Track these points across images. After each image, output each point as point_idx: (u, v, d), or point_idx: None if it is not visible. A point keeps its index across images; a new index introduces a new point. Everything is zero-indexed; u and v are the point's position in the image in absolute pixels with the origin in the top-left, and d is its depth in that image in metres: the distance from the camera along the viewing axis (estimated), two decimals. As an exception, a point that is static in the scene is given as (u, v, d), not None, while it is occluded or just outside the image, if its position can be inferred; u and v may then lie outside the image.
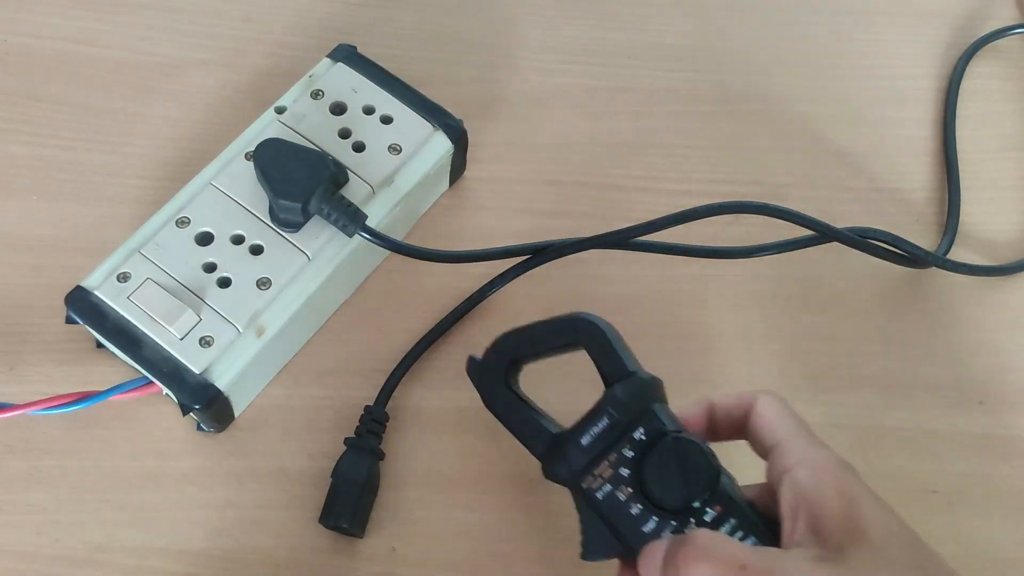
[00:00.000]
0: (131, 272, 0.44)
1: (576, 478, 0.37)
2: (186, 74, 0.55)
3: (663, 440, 0.36)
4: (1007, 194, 0.55)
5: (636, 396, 0.37)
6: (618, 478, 0.37)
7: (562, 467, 0.38)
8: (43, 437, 0.45)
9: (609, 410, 0.37)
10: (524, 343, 0.40)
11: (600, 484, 0.37)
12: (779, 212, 0.45)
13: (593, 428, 0.37)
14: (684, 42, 0.59)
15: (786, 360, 0.49)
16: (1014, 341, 0.50)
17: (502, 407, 0.40)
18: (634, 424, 0.37)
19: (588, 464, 0.37)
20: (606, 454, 0.37)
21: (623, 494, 0.37)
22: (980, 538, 0.45)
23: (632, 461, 0.37)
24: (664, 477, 0.36)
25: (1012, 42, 0.61)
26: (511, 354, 0.40)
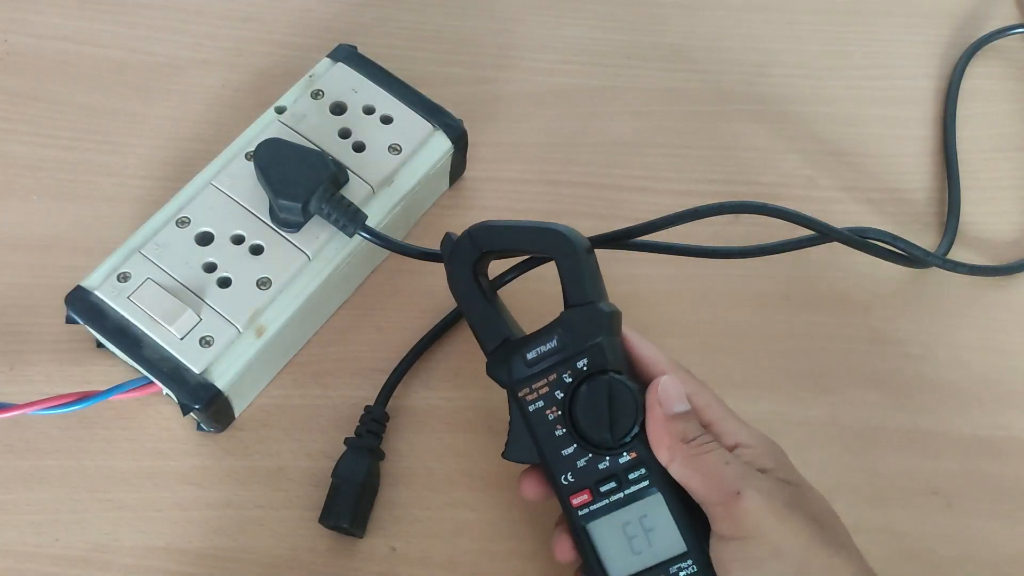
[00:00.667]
0: (131, 272, 0.44)
1: (514, 386, 0.39)
2: (186, 74, 0.55)
3: (601, 377, 0.38)
4: (1007, 194, 0.55)
5: (589, 326, 0.39)
6: (551, 399, 0.39)
7: (503, 372, 0.40)
8: (43, 437, 0.45)
9: (560, 332, 0.39)
10: (500, 238, 0.41)
11: (534, 399, 0.39)
12: (779, 212, 0.45)
13: (540, 346, 0.39)
14: (684, 42, 0.59)
15: (786, 360, 0.49)
16: (1014, 341, 0.50)
17: (464, 293, 0.41)
18: (580, 353, 0.39)
19: (527, 377, 0.39)
20: (546, 373, 0.39)
21: (552, 415, 0.39)
22: (980, 538, 0.45)
23: (568, 387, 0.39)
24: (592, 412, 0.38)
25: (1012, 42, 0.61)
26: (485, 245, 0.41)
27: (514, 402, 0.40)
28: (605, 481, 0.38)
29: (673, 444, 0.37)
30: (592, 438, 0.38)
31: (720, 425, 0.38)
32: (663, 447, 0.37)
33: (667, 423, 0.37)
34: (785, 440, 0.46)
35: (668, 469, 0.37)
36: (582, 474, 0.38)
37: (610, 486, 0.38)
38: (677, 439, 0.37)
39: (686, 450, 0.37)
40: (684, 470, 0.37)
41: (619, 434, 0.38)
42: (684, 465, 0.37)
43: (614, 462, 0.38)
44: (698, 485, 0.36)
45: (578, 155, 0.54)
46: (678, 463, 0.37)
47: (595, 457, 0.38)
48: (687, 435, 0.37)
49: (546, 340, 0.39)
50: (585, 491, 0.38)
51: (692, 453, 0.36)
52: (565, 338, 0.39)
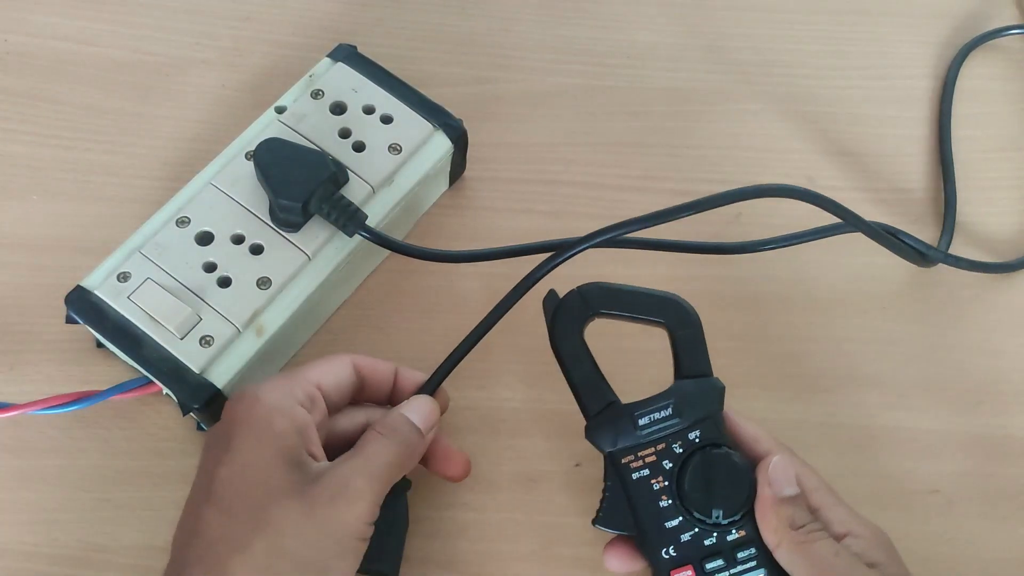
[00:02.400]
0: (131, 272, 0.44)
1: (618, 452, 0.38)
2: (186, 74, 0.55)
3: (716, 452, 0.38)
4: (1006, 194, 0.55)
5: (704, 398, 0.39)
6: (658, 469, 0.38)
7: (609, 437, 0.39)
8: (43, 437, 0.45)
9: (676, 402, 0.39)
10: (614, 301, 0.40)
11: (639, 467, 0.38)
12: (815, 198, 0.43)
13: (653, 413, 0.39)
14: (684, 42, 0.59)
15: (786, 360, 0.49)
16: (1014, 341, 0.50)
17: (569, 353, 0.40)
18: (693, 425, 0.38)
19: (634, 445, 0.38)
20: (655, 442, 0.38)
21: (658, 484, 0.38)
22: (980, 538, 0.45)
23: (678, 458, 0.38)
24: (703, 486, 0.37)
25: (1013, 42, 0.61)
26: (596, 305, 0.40)
27: (614, 468, 0.39)
28: (712, 558, 0.37)
29: (780, 528, 0.36)
30: (702, 512, 0.37)
31: (829, 512, 0.38)
32: (770, 530, 0.37)
33: (776, 506, 0.37)
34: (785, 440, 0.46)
35: (774, 553, 0.37)
36: (686, 548, 0.37)
37: (717, 564, 0.37)
38: (785, 523, 0.36)
39: (794, 536, 0.36)
40: (792, 556, 0.36)
41: (730, 510, 0.37)
42: (792, 552, 0.36)
43: (722, 539, 0.37)
44: (805, 574, 0.36)
45: (578, 155, 0.54)
46: (785, 548, 0.36)
47: (702, 532, 0.37)
48: (796, 521, 0.36)
49: (660, 407, 0.39)
50: (688, 567, 0.37)
51: (800, 540, 0.36)
52: (680, 407, 0.38)
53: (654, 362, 0.42)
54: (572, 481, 0.45)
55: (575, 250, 0.42)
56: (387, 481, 0.37)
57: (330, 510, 0.35)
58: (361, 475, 0.36)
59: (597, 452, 0.46)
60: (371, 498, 0.36)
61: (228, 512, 0.35)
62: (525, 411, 0.47)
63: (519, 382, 0.47)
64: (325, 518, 0.35)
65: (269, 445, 0.36)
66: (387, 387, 0.42)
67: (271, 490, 0.35)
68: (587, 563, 0.44)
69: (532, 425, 0.47)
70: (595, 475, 0.45)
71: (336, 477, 0.36)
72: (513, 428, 0.46)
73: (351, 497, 0.36)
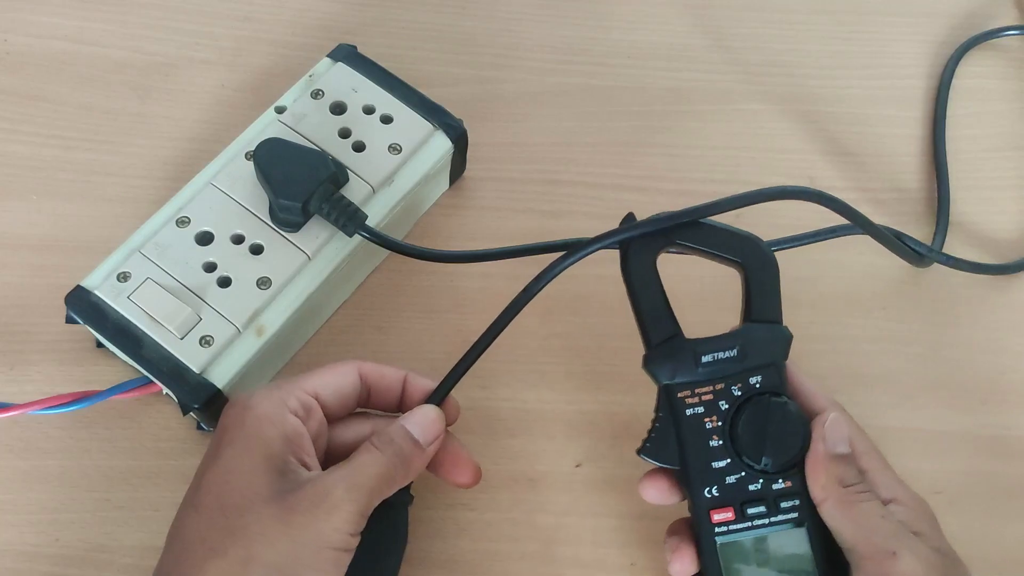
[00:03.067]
0: (131, 272, 0.44)
1: (675, 386, 0.38)
2: (186, 74, 0.55)
3: (774, 400, 0.37)
4: (1005, 193, 0.55)
5: (771, 345, 0.38)
6: (714, 408, 0.38)
7: (668, 369, 0.38)
8: (43, 437, 0.45)
9: (742, 344, 0.38)
10: (693, 232, 0.39)
11: (695, 403, 0.38)
12: (830, 201, 0.43)
13: (718, 352, 0.38)
14: (684, 42, 0.59)
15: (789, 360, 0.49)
16: (1016, 340, 0.50)
17: (639, 278, 0.39)
18: (756, 369, 0.38)
19: (693, 381, 0.38)
20: (715, 381, 0.38)
21: (711, 423, 0.37)
22: (982, 538, 0.45)
23: (736, 400, 0.37)
24: (758, 431, 0.37)
25: (1013, 42, 0.61)
26: (674, 235, 0.39)
27: (668, 401, 0.38)
28: (754, 503, 0.37)
29: (829, 484, 0.36)
30: (751, 457, 0.37)
31: (877, 476, 0.38)
32: (818, 485, 0.36)
33: (827, 461, 0.36)
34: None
35: (819, 508, 0.37)
36: (730, 491, 0.37)
37: (758, 509, 0.37)
38: (834, 480, 0.36)
39: (842, 494, 0.36)
40: (836, 513, 0.36)
41: (780, 460, 0.37)
42: (837, 508, 0.36)
43: (767, 486, 0.37)
44: (849, 533, 0.36)
45: (578, 155, 0.54)
46: (831, 504, 0.36)
47: (748, 476, 0.37)
48: (845, 479, 0.36)
49: (725, 347, 0.38)
50: (729, 508, 0.37)
51: (848, 499, 0.36)
52: (746, 350, 0.38)
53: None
54: (572, 481, 0.45)
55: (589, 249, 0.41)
56: (373, 493, 0.36)
57: (307, 518, 0.35)
58: (343, 485, 0.36)
59: (598, 452, 0.46)
60: (352, 508, 0.35)
61: (208, 517, 0.35)
62: (525, 411, 0.47)
63: (519, 382, 0.47)
64: (301, 526, 0.34)
65: (255, 452, 0.36)
66: (396, 395, 0.42)
67: (251, 497, 0.35)
68: (587, 563, 0.44)
69: (532, 425, 0.47)
70: (596, 475, 0.45)
71: (318, 486, 0.36)
72: (513, 428, 0.46)
73: (330, 506, 0.35)
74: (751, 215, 0.52)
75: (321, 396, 0.39)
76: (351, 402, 0.41)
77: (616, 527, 0.44)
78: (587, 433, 0.46)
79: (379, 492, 0.37)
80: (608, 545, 0.44)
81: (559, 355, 0.48)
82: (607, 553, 0.44)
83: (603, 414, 0.47)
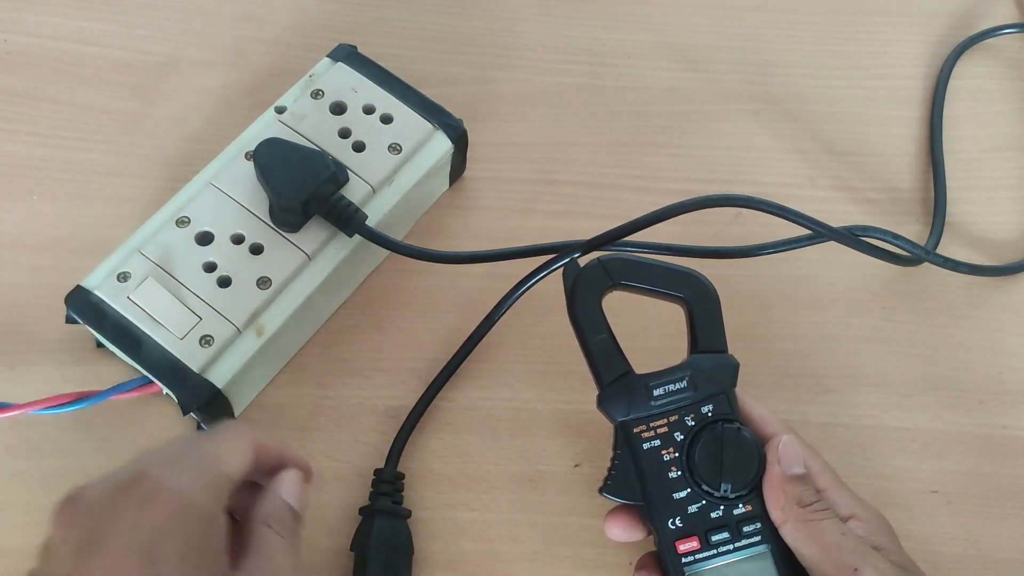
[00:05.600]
0: (131, 272, 0.44)
1: (630, 422, 0.39)
2: (186, 74, 0.55)
3: (727, 426, 0.38)
4: (1005, 193, 0.55)
5: (719, 373, 0.39)
6: (670, 440, 0.38)
7: (622, 406, 0.39)
8: (43, 437, 0.45)
9: (692, 375, 0.39)
10: (634, 273, 0.40)
11: (651, 437, 0.38)
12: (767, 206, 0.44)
13: (669, 384, 0.39)
14: (684, 41, 0.59)
15: (786, 360, 0.49)
16: (1014, 341, 0.50)
17: (587, 322, 0.40)
18: (707, 399, 0.39)
19: (647, 416, 0.39)
20: (668, 414, 0.39)
21: (668, 455, 0.38)
22: (980, 538, 0.45)
23: (690, 430, 0.38)
24: (715, 458, 0.37)
25: (1012, 41, 0.61)
26: (617, 276, 0.40)
27: (625, 438, 0.39)
28: (717, 530, 0.37)
29: (788, 505, 0.37)
30: (710, 484, 0.37)
31: (833, 494, 0.38)
32: (777, 507, 0.37)
33: (784, 483, 0.37)
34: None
35: (780, 530, 0.37)
36: (693, 520, 0.38)
37: (722, 536, 0.37)
38: (792, 501, 0.37)
39: (801, 514, 0.36)
40: (797, 534, 0.36)
41: (739, 484, 0.37)
42: (798, 529, 0.36)
43: (728, 512, 0.37)
44: (811, 552, 0.36)
45: (578, 155, 0.54)
46: (792, 525, 0.36)
47: (709, 505, 0.38)
48: (803, 499, 0.37)
49: (676, 379, 0.39)
50: (694, 537, 0.37)
51: (807, 518, 0.36)
52: (695, 381, 0.39)
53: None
54: (572, 481, 0.45)
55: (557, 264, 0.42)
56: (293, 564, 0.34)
57: None
58: None
59: (598, 452, 0.46)
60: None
61: None
62: (525, 411, 0.47)
63: (519, 382, 0.47)
64: None
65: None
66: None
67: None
68: (588, 563, 0.44)
69: (532, 425, 0.47)
70: (596, 475, 0.45)
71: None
72: (513, 428, 0.46)
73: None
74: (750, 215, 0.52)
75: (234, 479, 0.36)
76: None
77: (616, 527, 0.44)
78: (587, 433, 0.46)
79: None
80: (608, 545, 0.44)
81: (559, 355, 0.48)
82: (607, 553, 0.44)
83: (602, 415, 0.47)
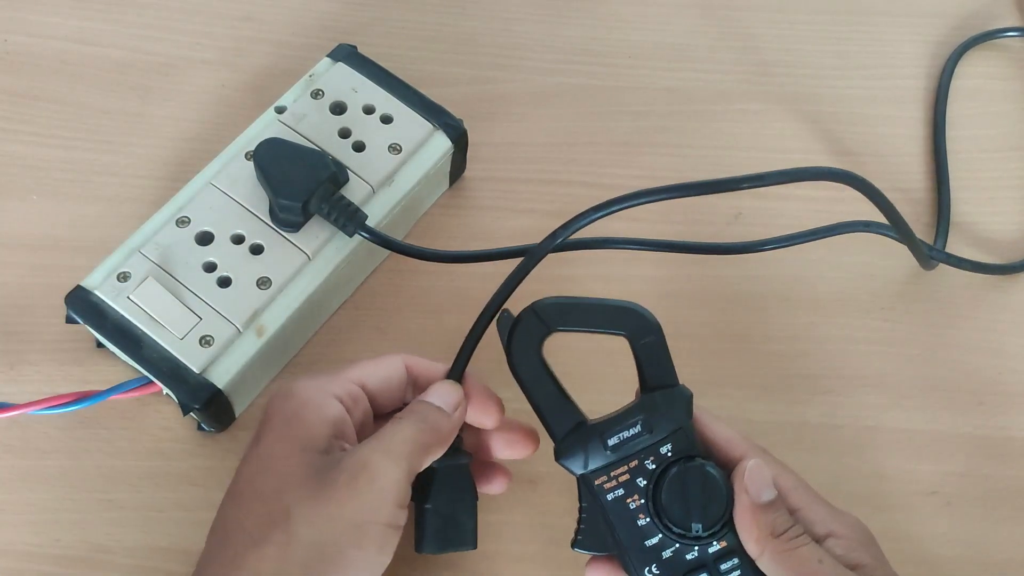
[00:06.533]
0: (131, 272, 0.44)
1: (590, 475, 0.37)
2: (186, 74, 0.55)
3: (690, 464, 0.37)
4: (1007, 193, 0.55)
5: (672, 410, 0.37)
6: (632, 487, 0.37)
7: (579, 459, 0.38)
8: (43, 437, 0.45)
9: (643, 416, 0.37)
10: (570, 315, 0.39)
11: (613, 487, 0.37)
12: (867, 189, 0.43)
13: (622, 432, 0.37)
14: (684, 41, 0.59)
15: (785, 360, 0.49)
16: (1014, 342, 0.50)
17: (529, 375, 0.38)
18: (664, 439, 0.37)
19: (606, 465, 0.37)
20: (627, 460, 0.37)
21: (634, 503, 0.37)
22: (980, 538, 0.45)
23: (651, 474, 0.37)
24: (680, 499, 0.36)
25: (1015, 42, 0.61)
26: (553, 322, 0.38)
27: (588, 491, 0.38)
28: (695, 572, 0.36)
29: (762, 537, 0.35)
30: (681, 526, 0.36)
31: (808, 512, 0.37)
32: (752, 539, 0.36)
33: (756, 513, 0.36)
34: (784, 441, 0.46)
35: (757, 562, 0.36)
36: (668, 566, 0.37)
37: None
38: (766, 531, 0.35)
39: (776, 544, 0.35)
40: (775, 566, 0.35)
41: (709, 522, 0.36)
42: (775, 560, 0.35)
43: (703, 552, 0.36)
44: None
45: (578, 155, 0.54)
46: (768, 557, 0.36)
47: (682, 547, 0.37)
48: (777, 527, 0.36)
49: (628, 425, 0.37)
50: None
51: (783, 548, 0.35)
52: (650, 422, 0.37)
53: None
54: (572, 482, 0.45)
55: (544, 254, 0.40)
56: (410, 459, 0.35)
57: (346, 492, 0.33)
58: (379, 452, 0.35)
59: (597, 452, 0.46)
60: (392, 475, 0.34)
61: (247, 506, 0.35)
62: (525, 411, 0.47)
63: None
64: (340, 502, 0.33)
65: (294, 436, 0.35)
66: None
67: (290, 480, 0.34)
68: (587, 563, 0.44)
69: (532, 425, 0.46)
70: (595, 475, 0.45)
71: (354, 458, 0.34)
72: (513, 428, 0.46)
73: (369, 476, 0.34)
74: (750, 215, 0.53)
75: (368, 387, 0.38)
76: (398, 396, 0.39)
77: (616, 527, 0.44)
78: (587, 433, 0.46)
79: (416, 458, 0.36)
80: (608, 545, 0.44)
81: (559, 355, 0.48)
82: (607, 553, 0.44)
83: (602, 414, 0.47)
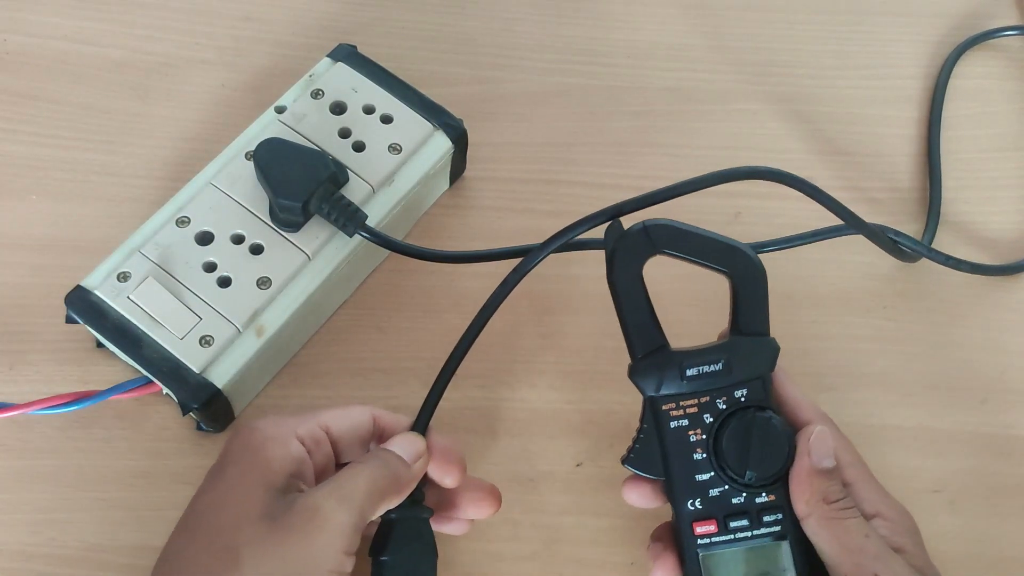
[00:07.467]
0: (131, 271, 0.44)
1: (660, 398, 0.38)
2: (186, 74, 0.55)
3: (759, 414, 0.37)
4: (1004, 194, 0.55)
5: (757, 358, 0.38)
6: (698, 421, 0.37)
7: (653, 381, 0.38)
8: (42, 437, 0.45)
9: (728, 357, 0.38)
10: (680, 241, 0.39)
11: (679, 415, 0.38)
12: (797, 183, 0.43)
13: (704, 365, 0.38)
14: (683, 42, 0.59)
15: (786, 359, 0.49)
16: (1016, 340, 0.50)
17: (625, 288, 0.38)
18: (741, 383, 0.38)
19: (678, 393, 0.38)
20: (700, 394, 0.38)
21: (695, 436, 0.37)
22: (982, 537, 0.45)
23: (720, 414, 0.37)
24: (741, 445, 0.37)
25: (1013, 41, 0.61)
26: (661, 243, 0.38)
27: (653, 413, 0.38)
28: (736, 516, 0.37)
29: (813, 500, 0.36)
30: (735, 470, 0.37)
31: (861, 490, 0.37)
32: (802, 500, 0.36)
33: (812, 476, 0.36)
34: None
35: (803, 523, 0.36)
36: (713, 504, 0.37)
37: (741, 523, 0.37)
38: (818, 496, 0.36)
39: (826, 510, 0.36)
40: (820, 530, 0.36)
41: (764, 474, 0.36)
42: (821, 525, 0.36)
43: (750, 500, 0.37)
44: (832, 551, 0.36)
45: (578, 155, 0.54)
46: (815, 521, 0.36)
47: (731, 490, 0.37)
48: (829, 495, 0.36)
49: (711, 360, 0.38)
50: (712, 521, 0.37)
51: (831, 515, 0.36)
52: (731, 364, 0.38)
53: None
54: (572, 481, 0.45)
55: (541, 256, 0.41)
56: (363, 505, 0.35)
57: (298, 536, 0.33)
58: (333, 497, 0.34)
59: (597, 452, 0.46)
60: (343, 520, 0.34)
61: (200, 541, 0.34)
62: (525, 411, 0.47)
63: (519, 382, 0.47)
64: (293, 545, 0.33)
65: (255, 471, 0.35)
66: None
67: (244, 516, 0.34)
68: (588, 563, 0.44)
69: (532, 425, 0.46)
70: (596, 475, 0.45)
71: (307, 500, 0.34)
72: (513, 428, 0.46)
73: (321, 520, 0.34)
74: (749, 214, 0.53)
75: (332, 432, 0.38)
76: (362, 446, 0.40)
77: (616, 527, 0.44)
78: (587, 433, 0.46)
79: (370, 504, 0.36)
80: (608, 545, 0.44)
81: (559, 355, 0.48)
82: (607, 553, 0.44)
83: (603, 414, 0.47)
